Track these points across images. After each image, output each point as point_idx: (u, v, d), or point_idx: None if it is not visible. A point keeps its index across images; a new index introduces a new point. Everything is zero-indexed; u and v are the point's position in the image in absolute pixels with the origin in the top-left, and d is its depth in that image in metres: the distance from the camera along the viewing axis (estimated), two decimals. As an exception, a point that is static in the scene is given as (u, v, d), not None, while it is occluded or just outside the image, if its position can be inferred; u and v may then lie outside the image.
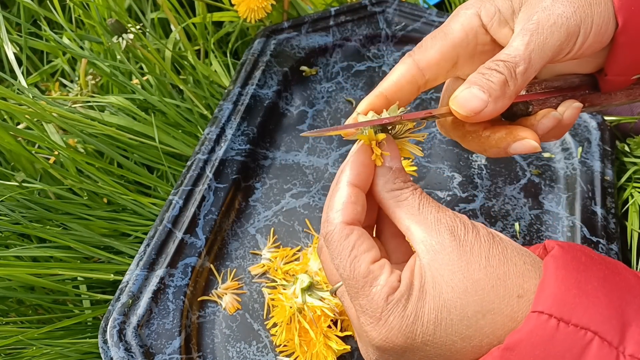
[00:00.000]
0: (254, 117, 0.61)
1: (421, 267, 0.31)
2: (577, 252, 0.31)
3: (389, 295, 0.30)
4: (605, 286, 0.29)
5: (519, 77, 0.34)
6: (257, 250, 0.54)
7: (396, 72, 0.37)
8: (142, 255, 0.51)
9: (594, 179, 0.58)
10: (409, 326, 0.30)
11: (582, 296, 0.28)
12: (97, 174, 0.60)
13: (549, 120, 0.37)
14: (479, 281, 0.30)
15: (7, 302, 0.60)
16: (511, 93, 0.34)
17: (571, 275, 0.29)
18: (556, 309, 0.28)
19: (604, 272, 0.30)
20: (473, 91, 0.34)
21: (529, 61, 0.34)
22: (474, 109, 0.33)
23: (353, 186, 0.33)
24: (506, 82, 0.34)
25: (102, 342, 0.46)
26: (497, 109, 0.34)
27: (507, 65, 0.34)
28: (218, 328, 0.50)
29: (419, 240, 0.31)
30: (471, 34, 0.37)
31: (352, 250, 0.32)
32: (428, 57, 0.37)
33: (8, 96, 0.59)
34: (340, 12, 0.70)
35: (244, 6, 0.66)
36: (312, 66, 0.68)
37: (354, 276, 0.31)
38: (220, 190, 0.56)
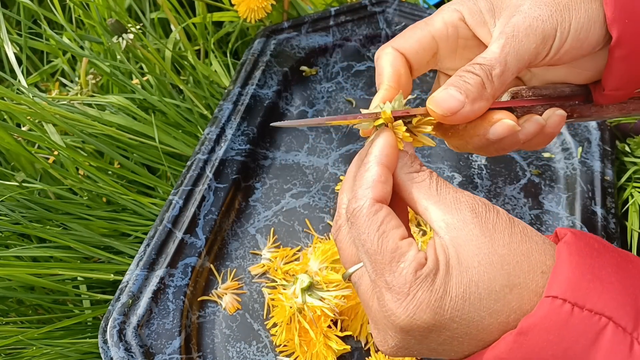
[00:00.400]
0: (254, 117, 0.61)
1: (443, 244, 0.31)
2: (589, 239, 0.31)
3: (417, 270, 0.30)
4: (619, 273, 0.29)
5: (495, 80, 0.35)
6: (257, 250, 0.54)
7: (386, 63, 0.37)
8: (142, 255, 0.51)
9: (594, 179, 0.58)
10: (438, 300, 0.29)
11: (597, 281, 0.28)
12: (97, 174, 0.60)
13: (531, 124, 0.37)
14: (505, 256, 0.30)
15: (7, 302, 0.60)
16: (488, 95, 0.35)
17: (585, 260, 0.29)
18: (570, 294, 0.28)
19: (616, 259, 0.30)
20: (450, 91, 0.34)
21: (505, 64, 0.35)
22: (450, 108, 0.34)
23: (383, 165, 0.33)
24: (483, 84, 0.34)
25: (102, 342, 0.46)
26: (475, 110, 0.35)
27: (484, 68, 0.34)
28: (218, 328, 0.50)
29: (439, 219, 0.31)
30: (451, 27, 0.37)
31: (380, 225, 0.31)
32: (407, 45, 0.37)
33: (8, 96, 0.59)
34: (340, 12, 0.70)
35: (244, 6, 0.66)
36: (312, 66, 0.68)
37: (382, 251, 0.31)
38: (220, 190, 0.56)
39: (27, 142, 0.67)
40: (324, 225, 0.56)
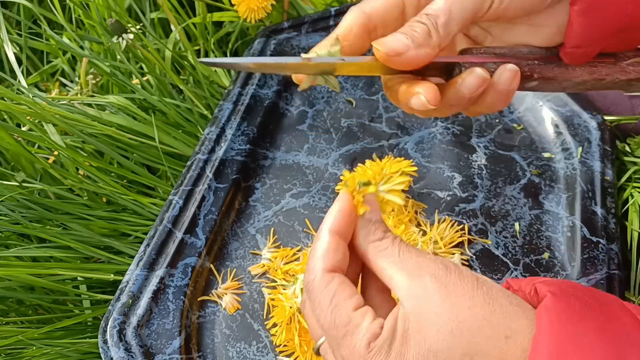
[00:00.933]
0: (254, 117, 0.61)
1: (404, 313, 0.30)
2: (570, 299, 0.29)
3: (371, 342, 0.29)
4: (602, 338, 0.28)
5: (440, 29, 0.36)
6: (257, 250, 0.54)
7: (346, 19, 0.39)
8: (142, 255, 0.51)
9: (594, 179, 0.58)
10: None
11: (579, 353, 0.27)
12: (97, 174, 0.61)
13: (472, 77, 0.37)
14: (465, 322, 0.29)
15: (7, 302, 0.60)
16: (434, 43, 0.36)
17: (566, 328, 0.28)
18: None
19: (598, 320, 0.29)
20: (397, 36, 0.36)
21: (449, 13, 0.36)
22: (395, 48, 0.36)
23: (334, 233, 0.33)
24: (428, 31, 0.36)
25: (102, 342, 0.46)
26: (420, 55, 0.36)
27: (430, 17, 0.36)
28: (218, 328, 0.50)
29: (401, 287, 0.31)
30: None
31: (333, 297, 0.31)
32: (374, 4, 0.39)
33: (8, 96, 0.59)
34: (340, 12, 0.70)
35: (244, 6, 0.66)
36: (312, 66, 0.68)
37: (335, 325, 0.31)
38: (220, 190, 0.56)
39: (27, 142, 0.67)
40: (324, 225, 0.56)
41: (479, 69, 0.37)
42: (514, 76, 0.38)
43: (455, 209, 0.56)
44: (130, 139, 0.64)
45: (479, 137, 0.63)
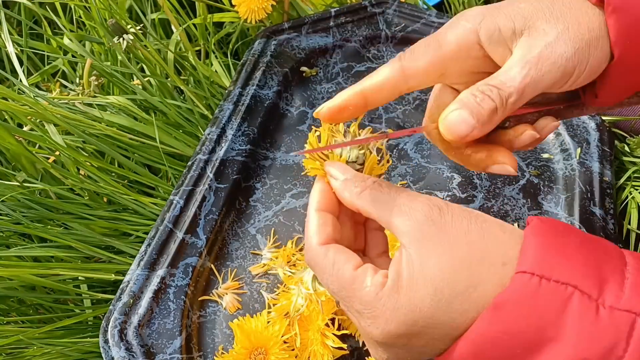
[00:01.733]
0: (254, 117, 0.61)
1: (408, 257, 0.32)
2: (554, 223, 0.32)
3: (378, 292, 0.32)
4: (583, 248, 0.31)
5: (509, 107, 0.35)
6: (258, 250, 0.55)
7: (381, 75, 0.38)
8: (143, 255, 0.51)
9: (593, 179, 0.58)
10: (407, 314, 0.31)
11: (561, 256, 0.30)
12: (98, 174, 0.61)
13: (527, 137, 0.38)
14: (464, 258, 0.31)
15: (8, 301, 0.60)
16: (498, 119, 0.35)
17: (549, 239, 0.31)
18: (537, 268, 0.30)
19: (581, 237, 0.32)
20: (463, 115, 0.34)
21: (522, 93, 0.35)
22: (461, 133, 0.35)
23: (319, 211, 0.36)
24: (496, 109, 0.35)
25: (103, 342, 0.46)
26: (483, 132, 0.35)
27: (501, 94, 0.34)
28: (219, 328, 0.50)
29: (401, 233, 0.33)
30: (465, 49, 0.37)
31: (333, 264, 0.34)
32: (416, 66, 0.37)
33: (9, 96, 0.59)
34: (340, 12, 0.70)
35: (244, 7, 0.66)
36: (313, 67, 0.68)
37: (343, 286, 0.33)
38: (221, 191, 0.56)
39: (28, 142, 0.67)
40: (324, 225, 0.56)
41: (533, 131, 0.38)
42: (554, 128, 0.39)
43: (454, 210, 0.57)
44: (131, 139, 0.64)
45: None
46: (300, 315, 0.46)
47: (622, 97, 0.40)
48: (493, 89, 0.34)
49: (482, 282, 0.31)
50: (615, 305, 0.29)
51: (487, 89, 0.34)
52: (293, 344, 0.46)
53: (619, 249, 0.32)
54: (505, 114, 0.35)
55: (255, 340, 0.45)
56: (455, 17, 0.38)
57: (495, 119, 0.35)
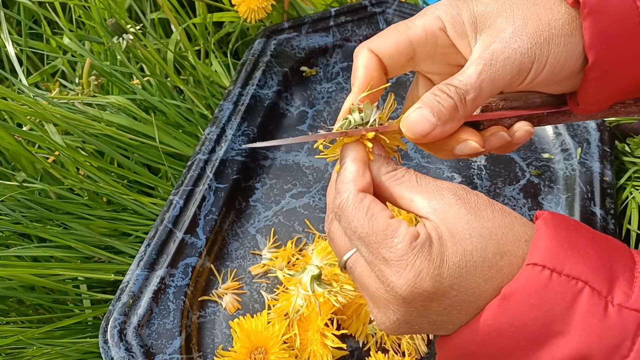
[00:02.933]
0: (254, 117, 0.61)
1: (434, 225, 0.32)
2: (565, 218, 0.33)
3: (412, 242, 0.31)
4: (594, 245, 0.31)
5: (468, 104, 0.36)
6: (257, 250, 0.55)
7: (361, 64, 0.38)
8: (142, 255, 0.51)
9: (593, 179, 0.58)
10: (437, 268, 0.31)
11: (573, 250, 0.30)
12: (98, 174, 0.61)
13: (496, 139, 0.39)
14: (491, 229, 0.32)
15: (7, 301, 0.60)
16: (460, 117, 0.36)
17: (562, 232, 0.31)
18: (549, 261, 0.30)
19: (592, 233, 0.32)
20: (424, 113, 0.35)
21: (479, 90, 0.36)
22: (422, 132, 0.35)
23: (359, 161, 0.35)
24: (456, 107, 0.35)
25: (102, 342, 0.46)
26: (446, 131, 0.36)
27: (458, 92, 0.35)
28: (218, 328, 0.50)
29: (425, 206, 0.33)
30: (431, 35, 0.38)
31: (368, 209, 0.33)
32: (383, 47, 0.38)
33: (9, 96, 0.59)
34: (340, 12, 0.70)
35: (244, 6, 0.66)
36: (313, 66, 0.68)
37: (375, 231, 0.32)
38: (221, 191, 0.56)
39: (27, 142, 0.67)
40: (324, 225, 0.56)
41: (504, 132, 0.39)
42: (528, 134, 0.39)
43: (455, 210, 0.57)
44: (130, 139, 0.64)
45: (479, 138, 0.63)
46: (300, 316, 0.46)
47: (604, 105, 0.39)
48: (451, 88, 0.35)
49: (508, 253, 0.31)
50: (623, 304, 0.29)
51: (446, 88, 0.36)
52: (293, 344, 0.46)
53: (628, 248, 0.32)
54: (467, 111, 0.36)
55: (255, 339, 0.45)
56: (427, 7, 0.39)
57: (457, 116, 0.36)
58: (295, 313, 0.45)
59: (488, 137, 0.39)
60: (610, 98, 0.39)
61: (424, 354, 0.48)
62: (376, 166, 0.35)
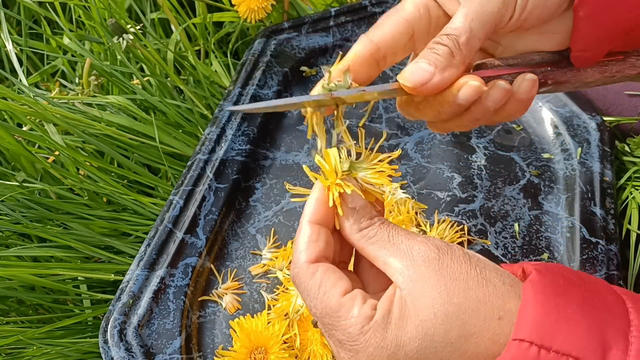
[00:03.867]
0: (254, 117, 0.61)
1: (401, 297, 0.30)
2: (555, 276, 0.30)
3: (364, 325, 0.30)
4: (585, 308, 0.29)
5: (462, 48, 0.36)
6: (257, 250, 0.54)
7: (353, 50, 0.38)
8: (142, 255, 0.51)
9: (593, 179, 0.58)
10: (391, 356, 0.29)
11: (562, 321, 0.28)
12: (98, 174, 0.61)
13: (495, 90, 0.37)
14: (460, 305, 0.29)
15: (7, 301, 0.60)
16: (457, 63, 0.36)
17: (549, 299, 0.29)
18: (537, 336, 0.28)
19: (582, 293, 0.30)
20: (420, 64, 0.35)
21: (469, 31, 0.36)
22: (420, 80, 0.35)
23: (313, 224, 0.33)
24: (451, 52, 0.35)
25: (102, 342, 0.46)
26: (445, 78, 0.36)
27: (451, 38, 0.36)
28: (218, 328, 0.50)
29: (396, 272, 0.31)
30: (422, 8, 0.38)
31: (320, 287, 0.31)
32: (382, 32, 0.38)
33: (9, 96, 0.59)
34: (340, 12, 0.70)
35: (244, 6, 0.66)
36: (313, 66, 0.68)
37: (327, 312, 0.31)
38: (221, 191, 0.56)
39: (27, 142, 0.67)
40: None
41: (502, 81, 0.37)
42: (533, 85, 0.38)
43: (455, 210, 0.57)
44: (130, 139, 0.64)
45: (479, 138, 0.63)
46: (300, 316, 0.46)
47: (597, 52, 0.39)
48: (443, 37, 0.36)
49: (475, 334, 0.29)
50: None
51: (439, 38, 0.36)
52: (293, 344, 0.46)
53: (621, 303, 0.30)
54: (463, 55, 0.36)
55: (255, 339, 0.45)
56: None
57: (454, 62, 0.36)
58: (295, 313, 0.45)
59: (488, 93, 0.37)
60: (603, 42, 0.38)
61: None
62: (348, 224, 0.33)
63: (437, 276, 0.30)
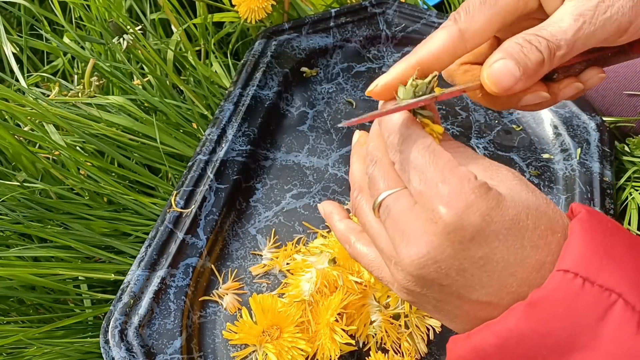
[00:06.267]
0: (254, 118, 0.61)
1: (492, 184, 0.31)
2: (603, 217, 0.31)
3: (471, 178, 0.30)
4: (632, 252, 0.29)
5: (556, 60, 0.33)
6: (258, 250, 0.55)
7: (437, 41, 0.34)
8: (143, 255, 0.51)
9: (593, 180, 0.58)
10: (489, 209, 0.29)
11: (609, 258, 0.28)
12: (98, 174, 0.61)
13: (571, 90, 0.36)
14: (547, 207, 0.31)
15: (8, 301, 0.60)
16: (544, 72, 0.33)
17: (597, 237, 0.29)
18: (582, 269, 0.28)
19: (629, 239, 0.30)
20: (508, 65, 0.32)
21: (572, 47, 0.33)
22: (507, 86, 0.32)
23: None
24: (543, 62, 0.32)
25: (103, 342, 0.46)
26: (527, 85, 0.33)
27: (550, 46, 0.32)
28: (219, 328, 0.50)
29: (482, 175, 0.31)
30: (522, 2, 0.34)
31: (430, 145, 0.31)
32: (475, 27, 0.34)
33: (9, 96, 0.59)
34: (340, 13, 0.70)
35: (244, 7, 0.66)
36: (313, 67, 0.68)
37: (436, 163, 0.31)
38: (221, 191, 0.56)
39: (28, 142, 0.67)
40: (323, 225, 0.56)
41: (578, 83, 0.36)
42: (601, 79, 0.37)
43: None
44: (131, 140, 0.64)
45: (479, 138, 0.63)
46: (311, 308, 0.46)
47: None
48: (542, 40, 0.32)
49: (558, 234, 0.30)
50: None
51: (535, 40, 0.32)
52: (306, 329, 0.47)
53: None
54: (551, 67, 0.33)
55: (271, 317, 0.46)
56: None
57: (542, 71, 0.33)
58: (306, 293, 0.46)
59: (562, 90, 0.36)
60: None
61: (424, 354, 0.48)
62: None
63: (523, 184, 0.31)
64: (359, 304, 0.48)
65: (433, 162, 0.31)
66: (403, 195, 0.32)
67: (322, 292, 0.47)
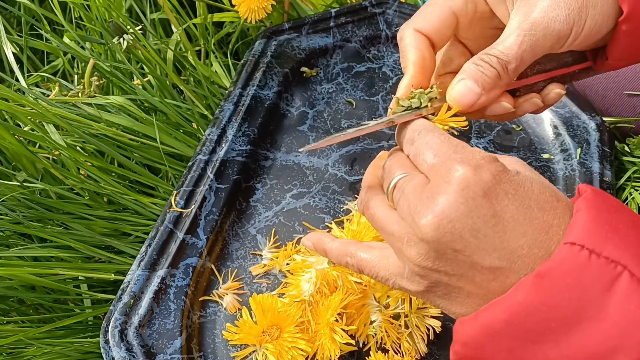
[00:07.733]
0: (254, 118, 0.61)
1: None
2: (608, 196, 0.32)
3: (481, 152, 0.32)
4: (636, 228, 0.30)
5: (510, 73, 0.37)
6: (258, 250, 0.55)
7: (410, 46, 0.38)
8: (143, 255, 0.51)
9: (593, 180, 0.58)
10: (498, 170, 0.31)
11: (614, 232, 0.29)
12: (98, 174, 0.61)
13: (529, 105, 0.40)
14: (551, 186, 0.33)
15: (8, 301, 0.60)
16: (502, 85, 0.37)
17: (602, 214, 0.30)
18: (588, 241, 0.29)
19: (633, 216, 0.31)
20: (468, 84, 0.36)
21: (520, 60, 0.36)
22: (469, 102, 0.36)
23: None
24: (499, 76, 0.36)
25: (103, 342, 0.46)
26: (490, 98, 0.37)
27: (500, 62, 0.36)
28: (219, 328, 0.50)
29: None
30: (471, 3, 0.39)
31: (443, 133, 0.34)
32: (429, 24, 0.38)
33: (10, 96, 0.59)
34: (340, 13, 0.70)
35: (244, 7, 0.66)
36: (313, 67, 0.68)
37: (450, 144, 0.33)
38: (221, 191, 0.56)
39: (28, 142, 0.67)
40: (323, 226, 0.56)
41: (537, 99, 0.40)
42: (560, 96, 0.40)
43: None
44: (131, 140, 0.64)
45: (479, 138, 0.63)
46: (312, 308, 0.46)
47: (633, 60, 0.39)
48: (492, 58, 0.36)
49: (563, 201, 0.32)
50: None
51: (488, 59, 0.36)
52: (306, 329, 0.47)
53: None
54: (508, 80, 0.37)
55: (271, 317, 0.46)
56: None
57: (500, 84, 0.37)
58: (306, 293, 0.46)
59: (521, 104, 0.40)
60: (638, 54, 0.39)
61: (424, 354, 0.48)
62: None
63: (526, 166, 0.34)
64: (359, 304, 0.48)
65: (447, 141, 0.33)
66: (417, 177, 0.34)
67: (322, 292, 0.47)
